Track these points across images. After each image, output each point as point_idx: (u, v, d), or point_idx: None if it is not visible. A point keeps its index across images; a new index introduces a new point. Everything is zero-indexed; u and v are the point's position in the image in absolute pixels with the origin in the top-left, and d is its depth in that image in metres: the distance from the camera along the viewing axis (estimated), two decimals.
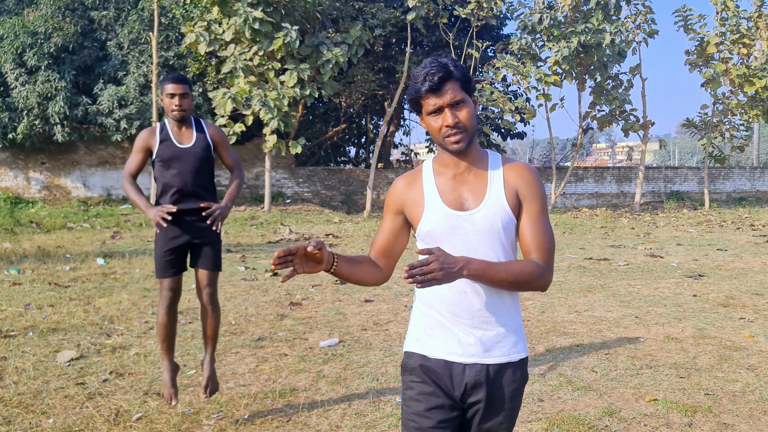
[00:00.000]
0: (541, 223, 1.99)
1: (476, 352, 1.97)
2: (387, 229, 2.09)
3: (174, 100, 3.66)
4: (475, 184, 1.98)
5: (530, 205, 1.98)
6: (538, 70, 20.98)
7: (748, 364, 4.94)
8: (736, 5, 23.05)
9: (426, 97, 1.91)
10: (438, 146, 1.99)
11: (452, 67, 1.91)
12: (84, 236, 14.01)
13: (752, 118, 24.66)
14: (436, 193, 1.99)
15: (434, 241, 1.97)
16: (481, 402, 1.98)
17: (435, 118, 1.92)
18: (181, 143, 3.71)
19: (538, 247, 1.96)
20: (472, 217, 1.95)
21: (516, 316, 2.03)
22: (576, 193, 25.72)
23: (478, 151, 2.01)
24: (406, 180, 2.06)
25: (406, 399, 2.02)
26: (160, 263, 3.75)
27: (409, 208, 2.03)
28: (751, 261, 10.52)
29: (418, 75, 1.92)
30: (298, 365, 4.99)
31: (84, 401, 4.17)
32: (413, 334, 2.06)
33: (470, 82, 1.95)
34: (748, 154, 42.91)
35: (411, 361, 2.03)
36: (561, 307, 7.08)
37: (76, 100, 19.35)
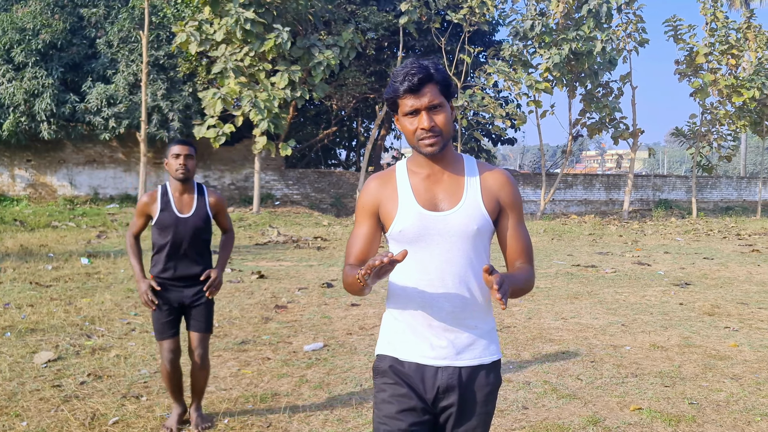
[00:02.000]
0: (524, 230, 2.02)
1: (448, 354, 1.94)
2: (364, 233, 2.01)
3: (179, 160, 3.65)
4: (451, 185, 1.95)
5: (513, 212, 2.00)
6: (529, 76, 21.04)
7: (732, 373, 4.93)
8: (726, 16, 23.27)
9: (404, 97, 1.87)
10: (413, 148, 1.95)
11: (433, 69, 1.88)
12: (69, 235, 13.86)
13: (740, 129, 24.87)
14: (410, 192, 1.95)
15: (407, 241, 1.93)
16: (453, 406, 1.95)
17: (411, 119, 1.89)
18: (181, 212, 3.70)
19: (525, 253, 2.00)
20: (446, 218, 1.92)
21: (489, 319, 2.00)
22: (565, 200, 25.80)
23: (452, 155, 1.99)
24: (380, 180, 2.02)
25: (378, 402, 1.99)
26: (158, 325, 3.74)
27: (383, 207, 1.98)
28: (736, 270, 10.56)
29: (397, 74, 1.88)
30: (281, 369, 4.93)
31: (59, 404, 4.08)
32: (385, 337, 2.03)
33: (450, 86, 1.92)
34: (736, 164, 43.27)
35: (383, 364, 2.00)
36: (548, 313, 7.05)
37: (63, 97, 19.18)
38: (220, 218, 3.92)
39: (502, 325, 6.45)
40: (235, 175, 22.76)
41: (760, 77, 22.86)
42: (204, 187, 3.88)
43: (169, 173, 3.71)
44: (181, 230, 3.67)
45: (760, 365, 5.15)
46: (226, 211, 3.95)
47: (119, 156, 21.54)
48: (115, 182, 21.40)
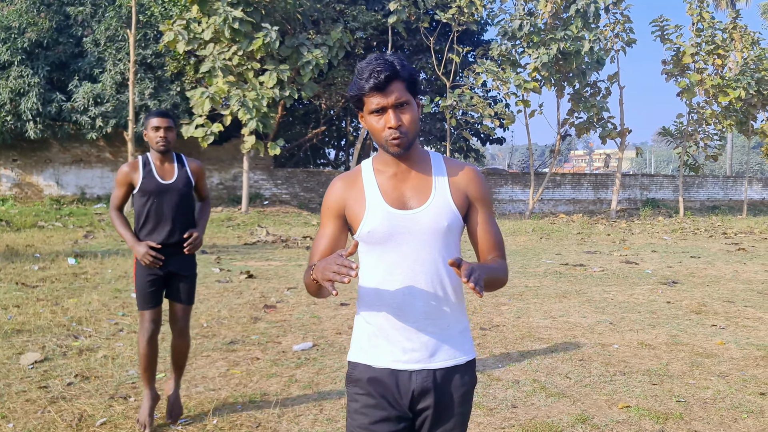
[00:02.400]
0: (494, 224, 2.00)
1: (421, 357, 1.90)
2: (329, 234, 1.96)
3: (159, 133, 3.72)
4: (418, 183, 1.92)
5: (483, 207, 1.97)
6: (518, 76, 21.11)
7: (719, 371, 4.97)
8: (712, 17, 23.45)
9: (370, 95, 1.82)
10: (379, 147, 1.91)
11: (399, 66, 1.84)
12: (55, 235, 13.75)
13: (726, 128, 25.09)
14: (378, 191, 1.90)
15: (376, 241, 1.88)
16: (429, 408, 1.91)
17: (377, 117, 1.85)
18: (163, 178, 3.77)
19: (498, 247, 1.98)
20: (416, 216, 1.88)
21: (462, 318, 1.97)
22: (553, 199, 25.91)
23: (419, 152, 1.95)
24: (345, 180, 1.97)
25: (350, 411, 1.95)
26: (143, 294, 3.77)
27: (350, 209, 1.93)
28: (723, 268, 10.65)
29: (362, 71, 1.83)
30: (270, 369, 4.91)
31: (46, 405, 4.05)
32: (357, 343, 1.98)
33: (416, 83, 1.89)
34: (722, 164, 43.67)
35: (356, 372, 1.95)
36: (536, 312, 7.08)
37: (49, 96, 19.02)
38: (200, 185, 3.98)
39: (491, 324, 6.47)
40: (223, 174, 22.68)
41: (745, 77, 23.07)
42: (182, 155, 3.94)
43: (150, 145, 3.78)
44: (164, 197, 3.74)
45: (747, 363, 5.20)
46: (204, 178, 4.03)
47: (106, 155, 21.39)
48: (102, 182, 21.24)
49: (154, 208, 3.72)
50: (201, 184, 3.98)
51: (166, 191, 3.74)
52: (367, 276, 1.94)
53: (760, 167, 54.71)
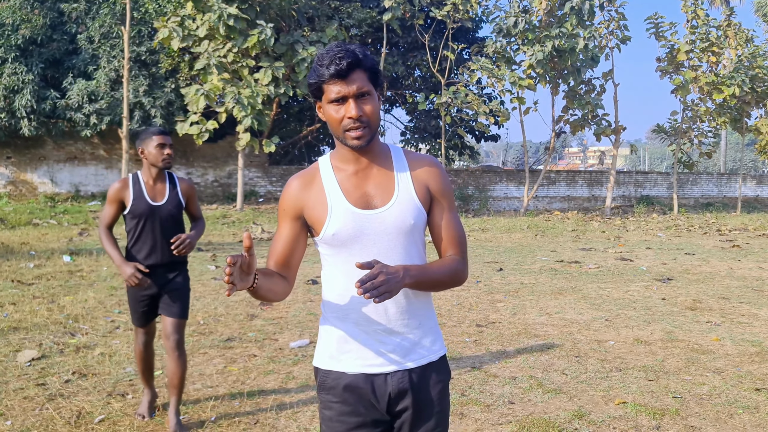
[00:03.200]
0: (455, 219, 1.92)
1: (395, 359, 1.85)
2: (285, 236, 1.88)
3: (165, 150, 3.65)
4: (381, 179, 1.84)
5: (443, 200, 1.90)
6: (513, 73, 21.13)
7: (714, 367, 5.00)
8: (706, 14, 23.51)
9: (330, 82, 1.74)
10: (336, 139, 1.82)
11: (362, 55, 1.76)
12: (50, 233, 13.71)
13: (720, 125, 25.18)
14: (339, 192, 1.82)
15: (341, 244, 1.81)
16: (408, 409, 1.87)
17: (337, 107, 1.76)
18: (154, 200, 3.69)
19: (456, 243, 1.90)
20: (381, 215, 1.81)
21: (431, 314, 1.93)
22: (548, 196, 25.96)
23: (379, 146, 1.87)
24: (302, 180, 1.87)
25: (325, 419, 1.89)
26: (136, 313, 3.79)
27: (310, 211, 1.84)
28: (717, 265, 10.71)
29: (323, 57, 1.75)
30: (267, 366, 4.92)
31: (44, 402, 4.04)
32: (326, 349, 1.90)
33: (378, 74, 1.81)
34: (716, 161, 43.82)
35: (328, 380, 1.88)
36: (532, 309, 7.10)
37: (43, 93, 18.94)
38: (191, 205, 3.88)
39: (487, 321, 6.49)
40: (218, 172, 22.63)
41: (739, 74, 23.15)
42: (174, 174, 3.88)
43: (149, 162, 3.66)
44: (155, 218, 3.67)
45: (742, 359, 5.23)
46: (196, 198, 3.93)
47: (101, 153, 21.31)
48: (97, 179, 21.17)
49: (145, 229, 3.66)
50: (192, 204, 3.88)
51: (156, 212, 3.67)
52: (333, 280, 1.87)
53: (754, 164, 54.95)
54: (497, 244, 13.76)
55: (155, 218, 3.67)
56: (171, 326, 3.71)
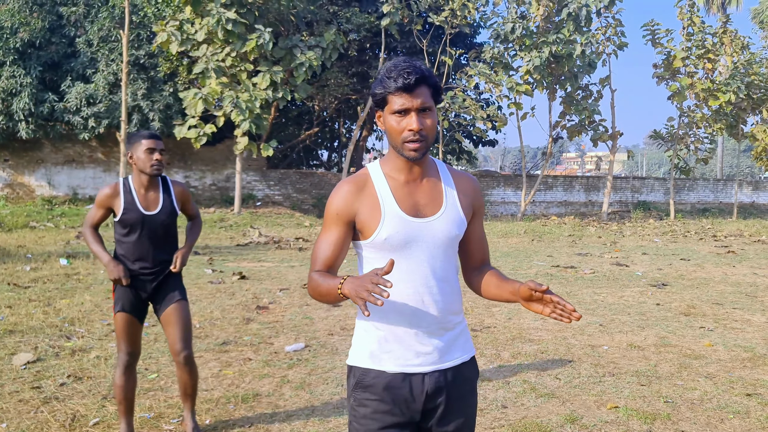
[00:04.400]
0: (484, 232, 2.13)
1: (434, 359, 1.95)
2: (334, 240, 1.94)
3: (154, 156, 3.45)
4: (430, 191, 1.95)
5: (479, 215, 2.08)
6: (510, 78, 21.21)
7: (706, 372, 5.04)
8: (702, 21, 23.63)
9: (396, 94, 1.83)
10: (392, 148, 1.90)
11: (427, 72, 1.86)
12: (47, 236, 13.71)
13: (716, 132, 25.27)
14: (392, 199, 1.91)
15: (390, 248, 1.89)
16: (441, 405, 1.96)
17: (399, 118, 1.84)
18: (147, 209, 3.50)
19: (488, 255, 2.13)
20: (430, 224, 1.92)
21: (463, 318, 2.07)
22: (545, 201, 26.02)
23: (429, 159, 1.99)
24: (354, 185, 1.94)
25: (358, 416, 1.95)
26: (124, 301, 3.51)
27: (362, 215, 1.91)
28: (712, 271, 10.75)
29: (391, 70, 1.84)
30: (263, 370, 4.94)
31: (39, 405, 4.06)
32: (365, 348, 1.97)
33: (440, 91, 1.91)
34: (713, 167, 43.95)
35: (367, 378, 1.95)
36: (527, 313, 7.13)
37: (42, 96, 18.97)
38: (187, 207, 3.73)
39: (482, 326, 6.52)
40: (216, 175, 22.66)
41: (735, 81, 23.25)
42: (168, 178, 3.68)
43: (139, 168, 3.47)
44: (147, 228, 3.50)
45: (734, 364, 5.27)
46: (191, 198, 3.77)
47: (99, 156, 21.34)
48: (95, 182, 21.18)
49: (135, 239, 3.48)
50: (187, 206, 3.73)
51: (148, 222, 3.49)
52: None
53: (750, 170, 55.07)
54: (494, 248, 13.79)
55: (147, 228, 3.50)
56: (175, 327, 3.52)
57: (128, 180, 3.56)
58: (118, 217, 3.50)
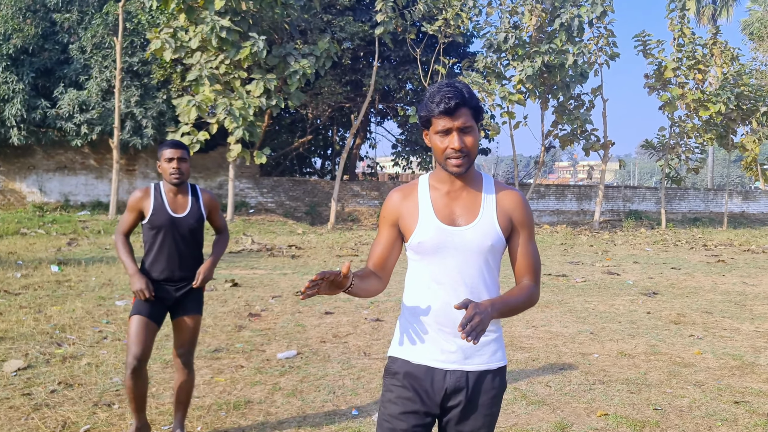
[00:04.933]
0: (533, 248, 2.16)
1: (457, 359, 2.06)
2: (384, 240, 2.15)
3: (172, 164, 3.55)
4: (469, 202, 2.08)
5: (524, 230, 2.13)
6: (503, 88, 21.33)
7: (695, 380, 5.08)
8: (693, 32, 23.87)
9: (438, 117, 1.98)
10: (438, 164, 2.06)
11: (468, 95, 2.00)
12: (38, 242, 13.66)
13: (707, 142, 25.48)
14: (430, 207, 2.07)
15: (424, 253, 2.05)
16: (459, 405, 2.07)
17: (442, 138, 2.00)
18: (175, 212, 3.61)
19: (532, 270, 2.15)
20: (463, 233, 2.04)
21: (496, 327, 2.13)
22: (538, 210, 26.12)
23: (473, 173, 2.12)
24: (402, 193, 2.14)
25: (384, 401, 2.11)
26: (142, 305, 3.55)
27: (404, 220, 2.10)
28: (702, 280, 10.83)
29: (434, 95, 1.99)
30: (254, 377, 4.94)
31: (30, 412, 4.05)
32: (398, 339, 2.16)
33: (481, 111, 2.04)
34: (703, 176, 44.22)
35: (395, 366, 2.11)
36: (519, 322, 7.16)
37: (34, 102, 18.93)
38: (214, 217, 3.81)
39: None
40: (209, 182, 22.64)
41: (725, 92, 23.48)
42: (197, 187, 3.79)
43: (163, 176, 3.61)
44: (175, 230, 3.59)
45: (722, 372, 5.31)
46: (219, 208, 3.85)
47: (91, 162, 21.28)
48: (87, 189, 21.12)
49: (163, 241, 3.56)
50: (215, 216, 3.80)
51: (177, 225, 3.59)
52: (414, 282, 2.12)
53: (740, 180, 55.47)
54: None
55: (175, 230, 3.58)
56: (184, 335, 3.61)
57: (159, 184, 3.68)
58: (147, 218, 3.59)
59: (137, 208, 3.60)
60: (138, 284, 3.47)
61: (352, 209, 23.50)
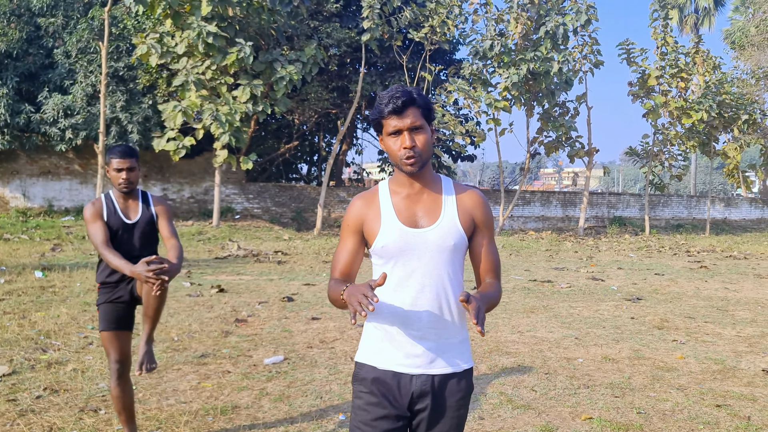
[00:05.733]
0: (494, 247, 2.20)
1: (422, 363, 2.07)
2: (349, 248, 2.16)
3: (121, 174, 3.55)
4: (430, 203, 2.10)
5: (485, 230, 2.17)
6: (489, 95, 21.47)
7: (678, 384, 5.15)
8: (675, 41, 24.18)
9: (388, 118, 2.02)
10: (395, 166, 2.10)
11: (416, 94, 2.04)
12: (22, 248, 13.53)
13: (689, 149, 25.79)
14: (392, 210, 2.09)
15: (388, 256, 2.07)
16: (426, 409, 2.08)
17: (394, 139, 2.04)
18: (127, 217, 3.63)
19: (494, 269, 2.18)
20: (425, 234, 2.07)
21: (462, 330, 2.15)
22: (523, 216, 26.28)
23: (431, 174, 2.15)
24: (364, 199, 2.16)
25: (355, 407, 2.13)
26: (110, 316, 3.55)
27: (367, 225, 2.11)
28: (685, 285, 10.96)
29: (383, 97, 2.04)
30: (241, 382, 4.94)
31: (15, 418, 4.03)
32: (365, 346, 2.16)
33: (431, 111, 2.08)
34: (686, 183, 44.72)
35: (362, 372, 2.13)
36: (504, 327, 7.21)
37: (18, 107, 18.76)
38: (162, 223, 3.71)
39: None
40: (194, 188, 22.54)
41: (707, 100, 23.80)
42: (148, 193, 3.79)
43: (113, 183, 3.62)
44: (128, 235, 3.61)
45: (704, 376, 5.39)
46: (170, 216, 3.76)
47: (75, 168, 21.11)
48: (71, 194, 20.94)
49: (118, 245, 3.55)
50: (162, 221, 3.71)
51: (129, 230, 3.61)
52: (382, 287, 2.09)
53: (722, 187, 56.17)
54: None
55: (128, 235, 3.62)
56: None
57: (110, 193, 3.71)
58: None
59: (99, 214, 3.57)
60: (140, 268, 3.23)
61: (338, 215, 23.50)
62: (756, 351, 6.31)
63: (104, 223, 3.58)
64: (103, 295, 3.63)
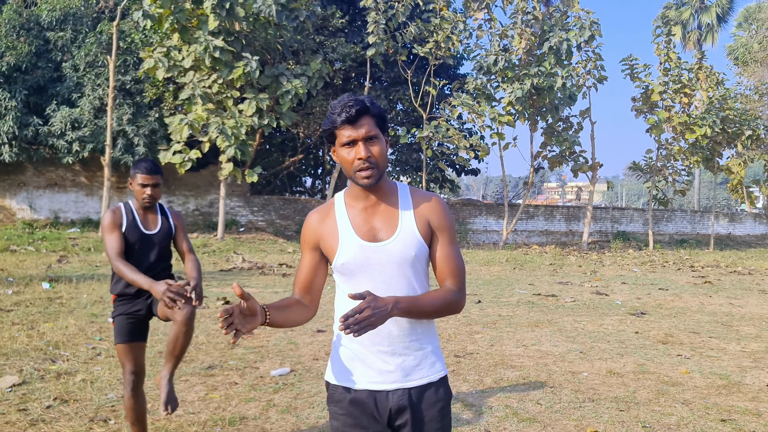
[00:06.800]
0: (453, 251, 2.08)
1: (397, 378, 2.03)
2: (306, 265, 2.11)
3: (146, 190, 3.63)
4: (387, 215, 2.03)
5: (442, 235, 2.07)
6: (493, 109, 21.58)
7: (683, 398, 5.17)
8: (678, 57, 24.30)
9: (341, 127, 1.95)
10: (349, 179, 2.03)
11: (369, 103, 1.97)
12: (28, 259, 13.61)
13: (693, 164, 25.83)
14: (349, 225, 2.03)
15: (350, 273, 2.02)
16: (407, 425, 2.03)
17: (348, 150, 1.96)
18: (147, 228, 3.70)
19: (452, 274, 2.06)
20: (385, 247, 2.00)
21: (433, 339, 2.10)
22: (527, 230, 26.30)
23: (387, 185, 2.08)
24: (319, 215, 2.09)
25: (333, 429, 2.08)
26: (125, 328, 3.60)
27: (324, 242, 2.06)
28: (689, 300, 10.96)
29: (335, 106, 1.97)
30: (249, 394, 4.98)
31: (26, 427, 4.08)
32: (335, 366, 2.11)
33: (385, 120, 2.01)
34: (690, 198, 44.71)
35: (336, 394, 2.07)
36: (509, 340, 7.24)
37: (26, 120, 18.93)
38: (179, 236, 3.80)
39: (465, 352, 6.61)
40: (199, 200, 22.65)
41: (711, 116, 23.88)
42: (164, 206, 3.87)
43: (135, 196, 3.68)
44: (147, 246, 3.66)
45: (709, 391, 5.41)
46: (185, 230, 3.88)
47: (82, 180, 21.25)
48: (77, 206, 21.06)
49: (137, 257, 3.60)
50: (180, 234, 3.82)
51: (148, 241, 3.67)
52: (344, 304, 2.05)
53: (726, 203, 56.13)
54: (476, 276, 13.92)
55: (147, 246, 3.67)
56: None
57: (129, 203, 3.75)
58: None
59: (118, 224, 3.61)
60: (161, 288, 3.29)
61: None
62: (761, 366, 6.33)
63: (121, 234, 3.61)
64: (119, 307, 3.66)
